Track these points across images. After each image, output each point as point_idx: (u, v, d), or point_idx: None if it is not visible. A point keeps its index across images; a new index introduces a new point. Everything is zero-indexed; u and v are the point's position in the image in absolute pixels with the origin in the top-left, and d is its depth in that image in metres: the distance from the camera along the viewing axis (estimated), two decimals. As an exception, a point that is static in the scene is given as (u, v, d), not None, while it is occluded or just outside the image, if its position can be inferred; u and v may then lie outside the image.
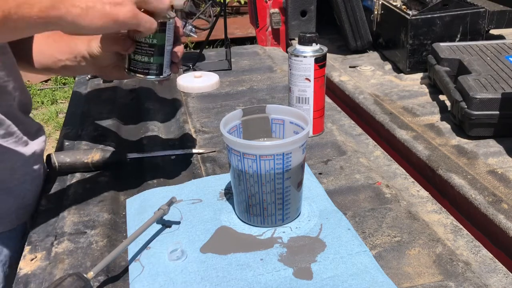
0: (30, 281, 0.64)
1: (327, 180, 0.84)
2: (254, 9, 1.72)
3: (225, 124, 0.72)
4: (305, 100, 0.97)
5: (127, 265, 0.66)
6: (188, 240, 0.69)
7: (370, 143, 0.98)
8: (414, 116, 1.13)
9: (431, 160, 0.94)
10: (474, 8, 1.32)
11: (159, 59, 0.73)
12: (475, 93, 0.98)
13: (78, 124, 1.07)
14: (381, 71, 1.42)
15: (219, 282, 0.62)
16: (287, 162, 0.67)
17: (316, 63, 0.93)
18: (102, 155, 0.87)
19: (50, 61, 0.84)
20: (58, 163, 0.86)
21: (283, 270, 0.63)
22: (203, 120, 1.07)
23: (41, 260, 0.68)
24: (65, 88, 3.67)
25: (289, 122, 0.76)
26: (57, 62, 0.83)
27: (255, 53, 1.53)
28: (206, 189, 0.81)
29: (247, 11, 2.10)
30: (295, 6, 1.60)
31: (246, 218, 0.72)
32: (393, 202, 0.77)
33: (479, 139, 1.00)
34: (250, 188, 0.69)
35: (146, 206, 0.77)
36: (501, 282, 0.62)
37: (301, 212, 0.75)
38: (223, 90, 1.23)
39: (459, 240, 0.70)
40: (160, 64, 0.73)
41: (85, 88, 1.29)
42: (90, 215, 0.76)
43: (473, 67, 1.12)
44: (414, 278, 0.63)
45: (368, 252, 0.66)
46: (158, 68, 0.73)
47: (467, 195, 0.84)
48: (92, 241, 0.70)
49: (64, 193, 0.83)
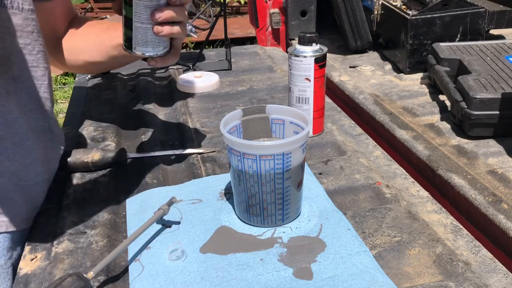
0: (30, 281, 0.65)
1: (327, 180, 0.84)
2: (254, 9, 1.72)
3: (225, 124, 0.72)
4: (305, 100, 0.97)
5: (127, 265, 0.66)
6: (188, 240, 0.69)
7: (370, 143, 0.98)
8: (414, 116, 1.13)
9: (431, 160, 0.94)
10: (474, 8, 1.32)
11: (128, 32, 0.73)
12: (475, 93, 0.98)
13: (78, 124, 1.07)
14: (381, 71, 1.42)
15: (219, 282, 0.62)
16: (287, 162, 0.67)
17: (316, 63, 0.93)
18: (102, 155, 0.87)
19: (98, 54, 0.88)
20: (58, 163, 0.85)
21: (283, 270, 0.63)
22: (203, 120, 1.07)
23: (41, 260, 0.68)
24: (65, 88, 3.67)
25: (289, 122, 0.76)
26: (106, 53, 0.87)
27: (255, 53, 1.53)
28: (206, 189, 0.81)
29: (247, 11, 2.11)
30: (295, 6, 1.60)
31: (246, 218, 0.72)
32: (393, 202, 0.77)
33: (479, 139, 1.00)
34: (250, 188, 0.69)
35: (146, 206, 0.77)
36: (501, 282, 0.62)
37: (301, 212, 0.75)
38: (223, 90, 1.23)
39: (459, 240, 0.70)
40: (129, 37, 0.73)
41: (85, 88, 1.29)
42: (90, 215, 0.76)
43: (473, 67, 1.12)
44: (414, 278, 0.63)
45: (368, 252, 0.66)
46: (128, 41, 0.74)
47: (467, 195, 0.84)
48: (92, 241, 0.70)
49: (64, 193, 0.83)
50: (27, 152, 0.75)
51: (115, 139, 1.00)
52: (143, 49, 0.74)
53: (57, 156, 0.84)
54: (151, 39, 0.74)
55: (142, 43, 0.74)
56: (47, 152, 0.80)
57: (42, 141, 0.78)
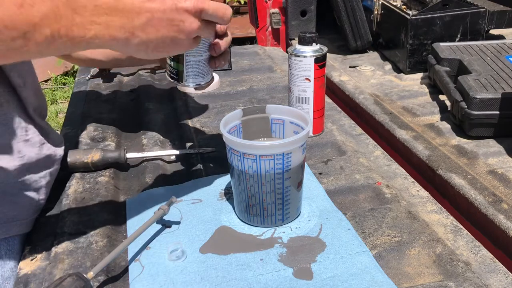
0: (30, 281, 0.65)
1: (327, 180, 0.84)
2: (254, 9, 1.72)
3: (225, 124, 0.72)
4: (305, 100, 0.97)
5: (127, 265, 0.66)
6: (188, 240, 0.69)
7: (370, 143, 0.98)
8: (414, 116, 1.13)
9: (431, 160, 0.94)
10: (474, 8, 1.32)
11: (177, 66, 0.72)
12: (475, 93, 0.98)
13: (78, 124, 1.07)
14: (381, 71, 1.42)
15: (219, 282, 0.62)
16: (287, 162, 0.67)
17: (316, 63, 0.93)
18: (102, 155, 0.87)
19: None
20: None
21: (283, 270, 0.63)
22: (203, 120, 1.07)
23: (41, 260, 0.68)
24: (65, 88, 3.67)
25: (289, 122, 0.76)
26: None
27: (255, 53, 1.53)
28: (206, 189, 0.81)
29: (247, 11, 2.10)
30: (295, 6, 1.60)
31: (246, 218, 0.72)
32: (393, 202, 0.77)
33: (479, 139, 1.00)
34: (250, 188, 0.69)
35: (146, 206, 0.77)
36: (501, 282, 0.62)
37: (301, 212, 0.75)
38: (223, 90, 1.23)
39: (459, 240, 0.70)
40: (179, 71, 0.72)
41: (85, 88, 1.29)
42: (90, 215, 0.76)
43: (473, 67, 1.12)
44: (414, 278, 0.63)
45: (368, 252, 0.66)
46: (177, 74, 0.73)
47: (467, 195, 0.84)
48: (92, 241, 0.70)
49: (64, 193, 0.83)
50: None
51: (115, 139, 1.00)
52: (195, 80, 0.74)
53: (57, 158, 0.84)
54: (204, 69, 0.74)
55: (194, 75, 0.73)
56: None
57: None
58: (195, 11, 0.61)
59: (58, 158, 0.83)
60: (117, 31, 0.57)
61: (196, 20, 0.61)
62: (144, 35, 0.58)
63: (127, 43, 0.59)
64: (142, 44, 0.59)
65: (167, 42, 0.61)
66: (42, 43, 0.53)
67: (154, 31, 0.59)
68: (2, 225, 0.72)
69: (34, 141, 0.76)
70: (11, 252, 0.74)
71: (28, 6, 0.51)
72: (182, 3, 0.60)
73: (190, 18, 0.61)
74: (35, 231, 0.75)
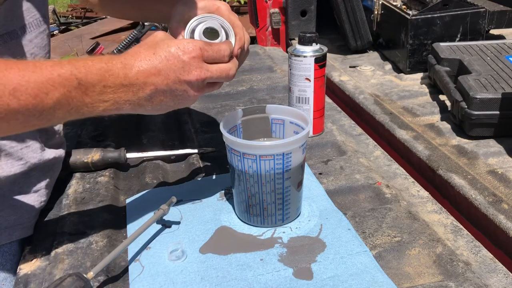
0: (30, 281, 0.64)
1: (327, 180, 0.84)
2: (254, 9, 1.72)
3: (225, 124, 0.72)
4: (305, 100, 0.97)
5: (127, 265, 0.66)
6: (188, 240, 0.69)
7: (370, 143, 0.98)
8: (414, 116, 1.13)
9: (431, 160, 0.94)
10: (474, 8, 1.32)
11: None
12: (475, 93, 0.98)
13: (78, 124, 1.07)
14: (381, 71, 1.42)
15: (219, 282, 0.62)
16: (287, 162, 0.67)
17: (316, 63, 0.93)
18: (102, 155, 0.87)
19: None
20: (58, 163, 0.85)
21: (283, 270, 0.63)
22: (203, 120, 1.07)
23: (41, 260, 0.68)
24: (65, 88, 3.66)
25: (289, 122, 0.76)
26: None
27: (255, 53, 1.53)
28: (206, 189, 0.81)
29: (247, 11, 2.10)
30: (295, 6, 1.60)
31: (246, 218, 0.72)
32: (393, 202, 0.77)
33: (479, 139, 1.00)
34: (250, 188, 0.69)
35: (146, 206, 0.77)
36: (501, 282, 0.62)
37: (301, 212, 0.75)
38: (223, 90, 1.23)
39: (459, 240, 0.69)
40: None
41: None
42: (90, 215, 0.76)
43: (473, 67, 1.12)
44: (414, 278, 0.63)
45: (368, 252, 0.66)
46: None
47: (467, 195, 0.84)
48: (92, 241, 0.70)
49: (64, 193, 0.83)
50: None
51: (115, 139, 1.00)
52: None
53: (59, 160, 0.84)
54: None
55: None
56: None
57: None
58: (199, 82, 0.62)
59: (59, 160, 0.83)
60: (123, 105, 0.60)
61: (199, 87, 0.63)
62: (149, 105, 0.62)
63: (134, 111, 0.62)
64: (148, 111, 0.63)
65: (173, 106, 0.64)
66: (54, 121, 0.58)
67: (159, 101, 0.62)
68: (4, 230, 0.72)
69: (35, 147, 0.76)
70: (7, 254, 0.74)
71: (43, 95, 0.54)
72: (185, 76, 0.61)
73: (193, 87, 0.63)
74: (35, 231, 0.75)
